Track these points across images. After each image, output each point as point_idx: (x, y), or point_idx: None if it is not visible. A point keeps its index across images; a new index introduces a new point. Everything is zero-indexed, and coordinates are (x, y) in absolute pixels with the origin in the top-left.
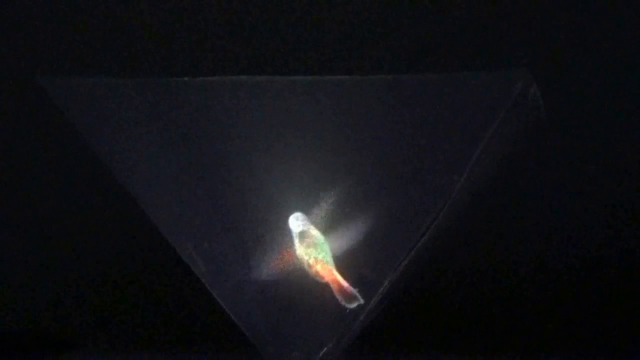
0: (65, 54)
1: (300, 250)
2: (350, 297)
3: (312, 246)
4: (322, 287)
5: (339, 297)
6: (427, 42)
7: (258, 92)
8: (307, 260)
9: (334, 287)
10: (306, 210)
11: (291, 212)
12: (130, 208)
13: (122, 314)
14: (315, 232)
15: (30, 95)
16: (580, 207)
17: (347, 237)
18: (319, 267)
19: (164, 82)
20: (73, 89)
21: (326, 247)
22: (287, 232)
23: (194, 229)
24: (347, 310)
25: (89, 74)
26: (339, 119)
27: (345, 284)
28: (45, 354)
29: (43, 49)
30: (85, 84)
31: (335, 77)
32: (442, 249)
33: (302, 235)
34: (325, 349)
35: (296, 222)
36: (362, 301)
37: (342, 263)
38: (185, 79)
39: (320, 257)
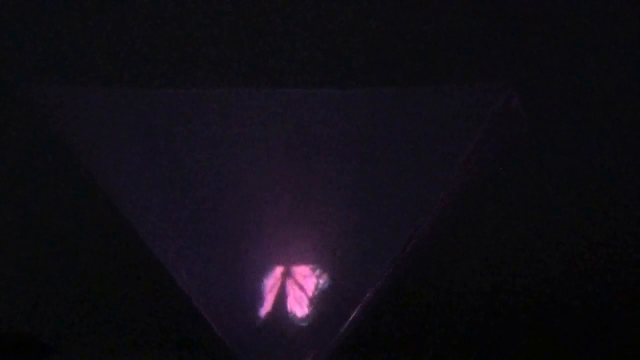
0: (49, 61)
1: None
2: None
3: None
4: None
5: None
6: (411, 55)
7: (242, 104)
8: None
9: None
10: (292, 221)
11: (277, 224)
12: (113, 217)
13: (106, 322)
14: None
15: (14, 102)
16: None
17: (330, 247)
18: None
19: (149, 93)
20: (56, 97)
21: None
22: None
23: (178, 240)
24: (330, 320)
25: (73, 82)
26: (326, 131)
27: None
28: (27, 358)
29: (26, 56)
30: (69, 92)
31: (322, 90)
32: (426, 260)
33: None
34: (308, 359)
35: None
36: None
37: (325, 273)
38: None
39: None
